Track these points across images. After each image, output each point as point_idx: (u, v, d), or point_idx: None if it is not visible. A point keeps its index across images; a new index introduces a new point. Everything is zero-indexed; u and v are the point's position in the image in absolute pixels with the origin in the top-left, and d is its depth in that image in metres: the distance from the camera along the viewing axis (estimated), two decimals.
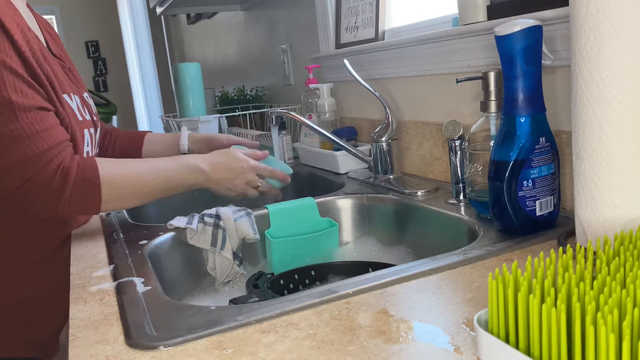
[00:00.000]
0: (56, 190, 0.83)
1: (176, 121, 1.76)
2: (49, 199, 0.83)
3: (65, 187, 0.83)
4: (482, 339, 0.43)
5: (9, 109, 0.80)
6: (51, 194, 0.83)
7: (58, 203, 0.83)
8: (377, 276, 0.63)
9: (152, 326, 0.57)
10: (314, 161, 1.42)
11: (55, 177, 0.83)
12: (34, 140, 0.82)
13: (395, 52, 1.18)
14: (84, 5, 6.01)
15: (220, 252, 0.90)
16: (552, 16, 0.77)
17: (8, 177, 0.81)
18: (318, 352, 0.48)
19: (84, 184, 0.85)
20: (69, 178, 0.83)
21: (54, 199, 0.83)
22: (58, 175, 0.83)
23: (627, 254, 0.46)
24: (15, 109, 0.80)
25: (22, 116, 0.81)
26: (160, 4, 2.19)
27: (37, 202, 0.83)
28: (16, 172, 0.81)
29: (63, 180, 0.83)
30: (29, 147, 0.81)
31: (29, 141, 0.81)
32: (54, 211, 0.85)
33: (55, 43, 1.04)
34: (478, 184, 0.84)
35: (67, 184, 0.83)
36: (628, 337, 0.33)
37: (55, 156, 0.83)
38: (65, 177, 0.83)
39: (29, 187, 0.82)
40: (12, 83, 0.80)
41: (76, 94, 0.97)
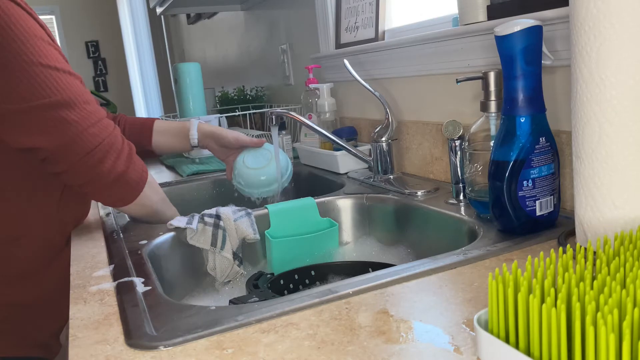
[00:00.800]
0: (126, 156, 0.87)
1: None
2: (118, 161, 0.86)
3: (131, 156, 0.88)
4: (482, 339, 0.43)
5: (67, 76, 0.84)
6: (122, 157, 0.87)
7: (125, 171, 0.87)
8: (377, 276, 0.63)
9: (152, 326, 0.57)
10: (314, 161, 1.42)
11: (124, 142, 0.88)
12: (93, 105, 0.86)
13: (395, 52, 1.18)
14: (84, 5, 6.01)
15: (220, 252, 0.90)
16: (552, 16, 0.77)
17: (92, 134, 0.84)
18: (318, 352, 0.48)
19: (137, 167, 0.90)
20: (132, 150, 0.89)
21: (123, 164, 0.87)
22: (125, 142, 0.89)
23: (627, 254, 0.46)
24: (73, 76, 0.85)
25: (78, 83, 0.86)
26: (160, 4, 2.19)
27: (109, 162, 0.85)
28: (92, 132, 0.83)
29: (129, 148, 0.89)
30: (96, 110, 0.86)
31: (94, 105, 0.86)
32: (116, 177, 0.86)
33: None
34: (478, 184, 0.84)
35: (132, 155, 0.89)
36: (628, 337, 0.33)
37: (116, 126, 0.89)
38: (130, 147, 0.89)
39: (109, 143, 0.85)
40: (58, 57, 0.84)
41: None
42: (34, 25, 0.82)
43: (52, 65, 0.81)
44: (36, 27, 0.82)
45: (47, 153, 0.82)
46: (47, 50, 0.82)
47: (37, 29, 0.82)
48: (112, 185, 0.86)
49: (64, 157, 0.82)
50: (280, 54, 1.93)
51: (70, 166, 0.83)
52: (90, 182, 0.85)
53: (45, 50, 0.81)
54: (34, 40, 0.80)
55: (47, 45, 0.82)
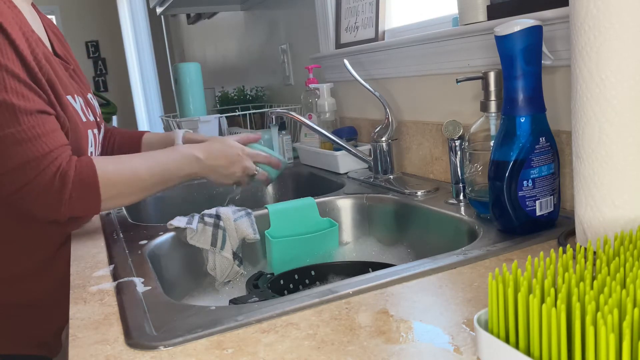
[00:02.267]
0: (55, 193, 0.83)
1: (176, 121, 1.76)
2: (49, 201, 0.83)
3: (64, 189, 0.83)
4: (482, 339, 0.43)
5: (10, 112, 0.80)
6: (51, 196, 0.83)
7: (59, 205, 0.83)
8: (377, 276, 0.63)
9: (152, 326, 0.57)
10: (314, 161, 1.42)
11: (54, 180, 0.83)
12: (34, 143, 0.82)
13: (395, 52, 1.18)
14: (84, 5, 6.01)
15: (220, 252, 0.90)
16: (552, 16, 0.77)
17: (8, 180, 0.81)
18: (318, 352, 0.48)
19: (82, 185, 0.85)
20: (67, 180, 0.83)
21: (54, 202, 0.83)
22: (57, 178, 0.83)
23: (627, 254, 0.46)
24: (16, 112, 0.80)
25: (24, 119, 0.81)
26: (160, 4, 2.19)
27: (38, 205, 0.83)
28: (16, 175, 0.81)
29: (62, 182, 0.83)
30: (29, 150, 0.81)
31: (30, 144, 0.81)
32: (55, 213, 0.85)
33: (60, 43, 1.04)
34: (478, 184, 0.84)
35: (66, 186, 0.83)
36: (628, 337, 0.33)
37: (55, 159, 0.83)
38: (64, 179, 0.83)
39: (29, 190, 0.82)
40: (13, 87, 0.80)
41: (80, 95, 0.97)
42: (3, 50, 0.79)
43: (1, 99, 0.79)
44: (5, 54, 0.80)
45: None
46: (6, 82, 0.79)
47: (6, 55, 0.80)
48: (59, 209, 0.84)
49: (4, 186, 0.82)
50: (280, 54, 1.93)
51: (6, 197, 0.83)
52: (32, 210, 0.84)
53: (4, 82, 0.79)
54: None
55: (4, 74, 0.79)
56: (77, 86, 0.99)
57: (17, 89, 0.81)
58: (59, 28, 1.12)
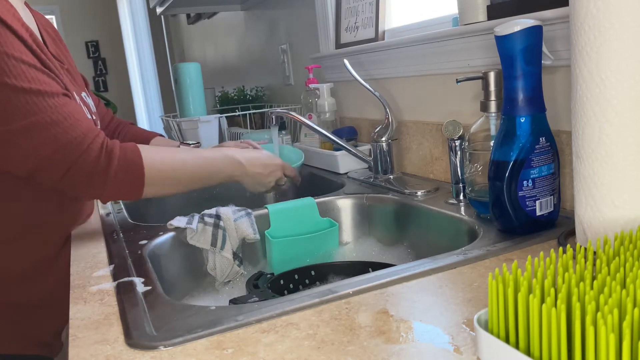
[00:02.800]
0: (102, 170, 0.82)
1: (176, 121, 1.76)
2: (96, 179, 0.82)
3: (110, 165, 0.83)
4: (482, 339, 0.43)
5: (37, 97, 0.80)
6: (98, 174, 0.82)
7: (105, 183, 0.83)
8: (377, 276, 0.63)
9: (152, 326, 0.57)
10: (314, 161, 1.42)
11: (100, 157, 0.82)
12: (70, 122, 0.81)
13: (395, 52, 1.18)
14: (84, 5, 6.01)
15: (220, 252, 0.90)
16: (552, 16, 0.77)
17: (53, 164, 0.81)
18: (318, 352, 0.48)
19: (127, 164, 0.85)
20: (113, 157, 0.83)
21: (101, 179, 0.83)
22: (103, 154, 0.83)
23: (627, 254, 0.46)
24: (43, 95, 0.80)
25: (51, 101, 0.81)
26: (160, 4, 2.19)
27: (85, 185, 0.83)
28: (60, 157, 0.80)
29: (108, 159, 0.83)
30: (68, 129, 0.81)
31: (67, 124, 0.81)
32: (100, 191, 0.84)
33: (54, 43, 1.04)
34: (478, 184, 0.84)
35: (112, 163, 0.83)
36: (628, 337, 0.33)
37: (97, 135, 0.84)
38: (110, 156, 0.83)
39: (76, 170, 0.81)
40: (33, 76, 0.81)
41: (76, 93, 0.97)
42: (8, 40, 0.79)
43: (19, 86, 0.78)
44: (11, 43, 0.80)
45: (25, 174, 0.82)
46: (18, 70, 0.79)
47: (11, 45, 0.79)
48: (105, 187, 0.84)
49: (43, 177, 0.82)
50: (280, 54, 1.93)
51: (53, 184, 0.83)
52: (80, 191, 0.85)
53: (15, 69, 0.79)
54: (5, 59, 0.78)
55: (19, 64, 0.79)
56: (72, 84, 0.99)
57: (37, 77, 0.81)
58: (59, 28, 1.11)
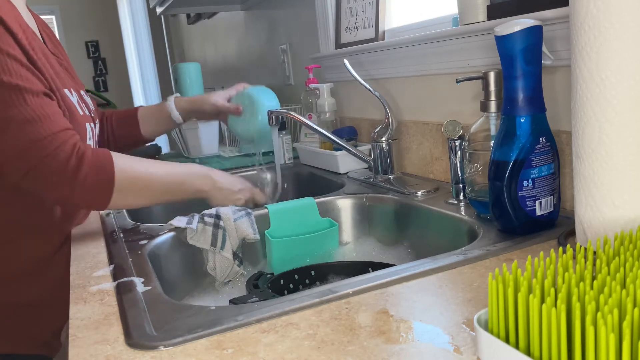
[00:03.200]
0: (71, 171, 0.81)
1: None
2: (63, 180, 0.81)
3: (80, 168, 0.82)
4: (482, 339, 0.43)
5: (16, 93, 0.80)
6: (66, 174, 0.81)
7: (72, 185, 0.82)
8: (377, 276, 0.63)
9: (152, 326, 0.57)
10: (314, 161, 1.42)
11: (71, 157, 0.81)
12: (45, 121, 0.81)
13: (395, 52, 1.18)
14: (84, 5, 6.01)
15: (220, 252, 0.90)
16: (552, 16, 0.77)
17: (23, 158, 0.80)
18: (318, 352, 0.48)
19: (98, 168, 0.84)
20: (84, 159, 0.82)
21: (69, 181, 0.81)
22: (74, 155, 0.82)
23: (627, 254, 0.46)
24: (23, 92, 0.80)
25: (31, 99, 0.81)
26: (160, 4, 2.19)
27: (50, 184, 0.81)
28: (31, 152, 0.80)
29: (78, 161, 0.82)
30: (41, 128, 0.80)
31: (41, 123, 0.81)
32: (67, 194, 0.82)
33: (51, 42, 1.04)
34: (478, 184, 0.84)
35: (82, 166, 0.82)
36: (628, 337, 0.33)
37: (70, 137, 0.83)
38: (81, 158, 0.82)
39: (44, 166, 0.80)
40: (17, 70, 0.80)
41: (75, 91, 0.98)
42: (3, 37, 0.80)
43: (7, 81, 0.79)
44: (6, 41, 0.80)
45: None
46: (4, 64, 0.79)
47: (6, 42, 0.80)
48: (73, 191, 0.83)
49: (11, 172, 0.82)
50: (280, 54, 1.93)
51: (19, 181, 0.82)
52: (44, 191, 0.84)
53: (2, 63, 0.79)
54: None
55: (5, 58, 0.79)
56: (71, 81, 0.99)
57: (20, 72, 0.81)
58: (59, 28, 1.12)
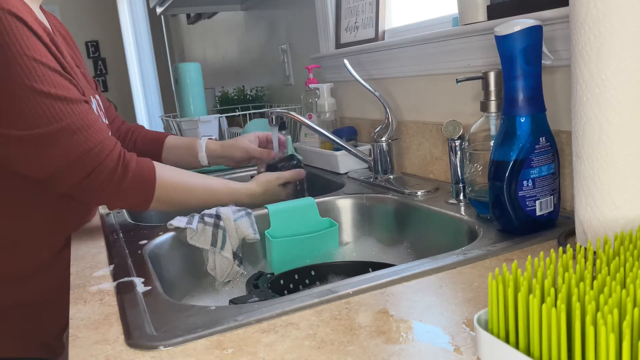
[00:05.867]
0: (117, 180, 0.85)
1: (176, 121, 1.76)
2: (110, 188, 0.85)
3: (125, 177, 0.85)
4: (482, 338, 0.43)
5: (62, 103, 0.81)
6: (113, 183, 0.84)
7: (116, 194, 0.86)
8: (377, 276, 0.63)
9: (152, 326, 0.57)
10: (314, 161, 1.42)
11: (118, 167, 0.85)
12: (91, 131, 0.83)
13: (395, 52, 1.18)
14: (84, 5, 6.01)
15: (220, 252, 0.90)
16: (552, 16, 0.77)
17: (74, 169, 0.82)
18: (318, 352, 0.48)
19: (141, 177, 0.87)
20: (129, 169, 0.86)
21: (114, 190, 0.85)
22: (120, 165, 0.85)
23: (627, 254, 0.46)
24: (67, 102, 0.82)
25: (75, 109, 0.83)
26: (160, 4, 2.19)
27: (98, 192, 0.85)
28: (80, 164, 0.82)
29: (124, 170, 0.85)
30: (89, 138, 0.83)
31: (87, 133, 0.83)
32: (111, 200, 0.87)
33: (67, 45, 1.05)
34: (478, 184, 0.84)
35: (127, 175, 0.86)
36: (628, 337, 0.33)
37: (115, 145, 0.86)
38: (126, 167, 0.86)
39: (94, 177, 0.83)
40: (58, 81, 0.82)
41: (93, 96, 0.98)
42: (35, 46, 0.80)
43: (46, 91, 0.80)
44: (38, 48, 0.81)
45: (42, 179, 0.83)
46: (45, 75, 0.80)
47: (38, 50, 0.80)
48: (117, 198, 0.87)
49: (59, 183, 0.83)
50: (280, 54, 1.93)
51: (67, 191, 0.84)
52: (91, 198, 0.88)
53: (43, 74, 0.80)
54: (33, 63, 0.79)
55: (46, 70, 0.80)
56: (89, 87, 1.00)
57: (61, 83, 0.82)
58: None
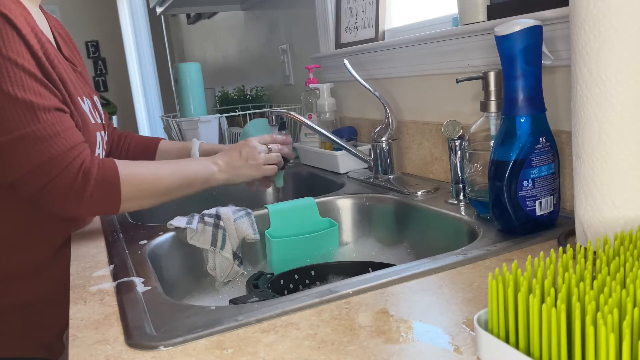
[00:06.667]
0: (78, 190, 0.83)
1: (176, 121, 1.76)
2: (71, 199, 0.84)
3: (86, 186, 0.84)
4: (482, 338, 0.43)
5: (29, 110, 0.81)
6: (73, 194, 0.83)
7: (80, 203, 0.84)
8: (377, 276, 0.63)
9: (152, 326, 0.57)
10: (314, 161, 1.42)
11: (77, 177, 0.83)
12: (55, 140, 0.82)
13: (395, 52, 1.18)
14: (84, 5, 6.01)
15: (220, 252, 0.90)
16: (552, 16, 0.77)
17: (31, 179, 0.82)
18: (318, 352, 0.48)
19: (104, 183, 0.86)
20: (90, 177, 0.84)
21: (76, 199, 0.84)
22: (80, 175, 0.84)
23: (627, 254, 0.46)
24: (35, 109, 0.81)
25: (43, 117, 0.82)
26: (160, 4, 2.19)
27: (59, 202, 0.84)
28: (39, 173, 0.81)
29: (85, 180, 0.84)
30: (51, 147, 0.82)
31: (51, 142, 0.82)
32: (75, 211, 0.85)
33: (66, 45, 1.04)
34: (478, 184, 0.84)
35: (89, 184, 0.84)
36: (628, 337, 0.33)
37: (77, 156, 0.84)
38: (87, 176, 0.84)
39: (52, 187, 0.82)
40: (30, 85, 0.81)
41: (87, 98, 0.98)
42: (14, 45, 0.80)
43: (13, 94, 0.79)
44: (16, 48, 0.80)
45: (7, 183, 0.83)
46: (17, 77, 0.80)
47: (16, 50, 0.80)
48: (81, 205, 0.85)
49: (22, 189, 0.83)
50: (280, 54, 1.93)
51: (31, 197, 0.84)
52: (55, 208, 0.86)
53: (15, 76, 0.80)
54: (6, 63, 0.79)
55: (19, 72, 0.80)
56: (84, 88, 0.99)
57: (34, 87, 0.82)
58: None
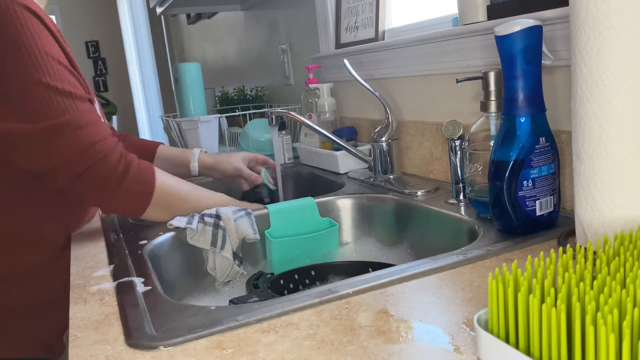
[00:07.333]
0: (118, 179, 0.84)
1: (176, 121, 1.76)
2: (109, 186, 0.83)
3: (126, 176, 0.84)
4: (482, 338, 0.43)
5: (68, 99, 0.82)
6: (113, 181, 0.83)
7: (115, 193, 0.84)
8: (377, 276, 0.63)
9: (152, 326, 0.57)
10: (314, 161, 1.42)
11: (119, 165, 0.84)
12: (95, 128, 0.83)
13: (395, 52, 1.18)
14: (84, 5, 6.01)
15: (220, 252, 0.90)
16: (552, 16, 0.77)
17: (71, 165, 0.82)
18: (318, 352, 0.48)
19: (141, 180, 0.86)
20: (131, 168, 0.85)
21: (114, 188, 0.84)
22: (122, 163, 0.84)
23: (627, 254, 0.46)
24: (74, 98, 0.82)
25: (80, 105, 0.83)
26: (160, 4, 2.19)
27: (95, 189, 0.83)
28: (80, 158, 0.81)
29: (125, 169, 0.84)
30: (92, 133, 0.83)
31: (92, 128, 0.83)
32: (108, 200, 0.85)
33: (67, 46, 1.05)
34: (478, 184, 0.84)
35: (128, 174, 0.84)
36: (628, 337, 0.33)
37: (116, 144, 0.85)
38: (128, 167, 0.85)
39: (91, 173, 0.82)
40: (66, 77, 0.83)
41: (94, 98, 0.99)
42: (47, 40, 0.82)
43: (54, 85, 0.80)
44: (50, 43, 0.82)
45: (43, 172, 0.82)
46: (55, 70, 0.81)
47: (50, 44, 0.82)
48: (114, 197, 0.85)
49: (60, 176, 0.83)
50: (280, 54, 1.93)
51: (68, 184, 0.83)
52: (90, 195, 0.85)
53: (53, 69, 0.81)
54: (45, 57, 0.80)
55: (56, 64, 0.82)
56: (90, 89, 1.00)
57: (69, 79, 0.83)
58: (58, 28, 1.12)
